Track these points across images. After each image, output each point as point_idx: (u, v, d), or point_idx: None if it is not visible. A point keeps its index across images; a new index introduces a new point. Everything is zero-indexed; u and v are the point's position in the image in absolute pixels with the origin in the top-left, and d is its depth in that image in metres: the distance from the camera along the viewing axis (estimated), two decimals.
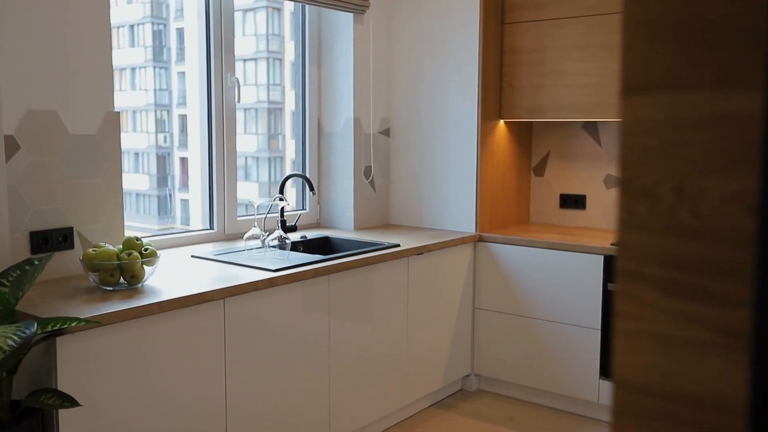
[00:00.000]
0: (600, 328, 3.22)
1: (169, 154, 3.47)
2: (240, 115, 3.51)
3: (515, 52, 3.58)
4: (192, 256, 2.83)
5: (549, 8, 3.44)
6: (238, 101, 3.25)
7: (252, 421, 2.47)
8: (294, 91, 3.74)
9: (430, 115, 3.69)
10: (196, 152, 3.34)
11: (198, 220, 3.33)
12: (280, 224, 3.04)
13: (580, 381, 3.30)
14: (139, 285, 2.30)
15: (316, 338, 2.70)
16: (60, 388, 1.91)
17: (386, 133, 3.83)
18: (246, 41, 3.53)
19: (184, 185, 3.50)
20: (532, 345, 3.43)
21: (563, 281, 3.30)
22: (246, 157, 3.72)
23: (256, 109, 3.68)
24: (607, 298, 3.19)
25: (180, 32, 3.38)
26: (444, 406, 3.48)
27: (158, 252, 2.35)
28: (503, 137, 3.73)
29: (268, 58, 3.75)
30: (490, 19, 3.53)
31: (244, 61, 3.62)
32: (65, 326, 1.80)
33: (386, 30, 3.76)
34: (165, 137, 3.46)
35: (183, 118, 3.42)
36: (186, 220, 3.48)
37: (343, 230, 3.63)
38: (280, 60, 3.80)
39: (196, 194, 3.37)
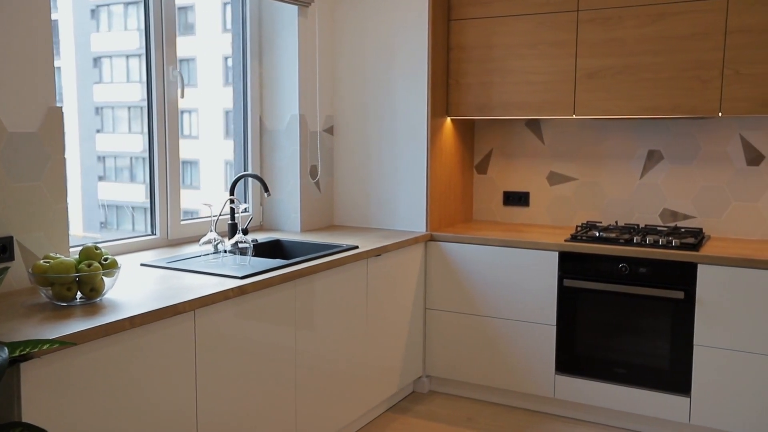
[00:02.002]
0: (555, 323, 3.25)
1: None
2: (124, 114, 3.29)
3: (462, 49, 3.55)
4: (142, 265, 2.60)
5: (496, 5, 3.43)
6: (182, 97, 3.03)
7: None
8: (233, 87, 3.54)
9: (376, 112, 3.60)
10: (74, 153, 3.10)
11: (78, 226, 3.09)
12: (238, 228, 2.85)
13: (536, 377, 3.31)
14: (98, 299, 2.07)
15: (282, 346, 2.55)
16: (24, 419, 1.68)
17: (330, 131, 3.71)
18: (131, 36, 3.30)
19: None
20: (486, 343, 3.41)
21: (517, 278, 3.30)
22: (131, 158, 3.50)
23: (142, 108, 3.47)
24: (563, 293, 3.22)
25: (53, 24, 3.11)
26: (399, 410, 3.40)
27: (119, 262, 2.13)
28: (450, 135, 3.70)
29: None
30: (438, 15, 3.48)
31: (127, 57, 3.41)
32: (35, 350, 1.58)
33: (330, 24, 3.64)
34: None
35: None
36: None
37: (290, 232, 3.48)
38: None
39: (75, 198, 3.13)
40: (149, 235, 3.03)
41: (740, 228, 3.37)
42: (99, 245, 2.12)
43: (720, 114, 3.03)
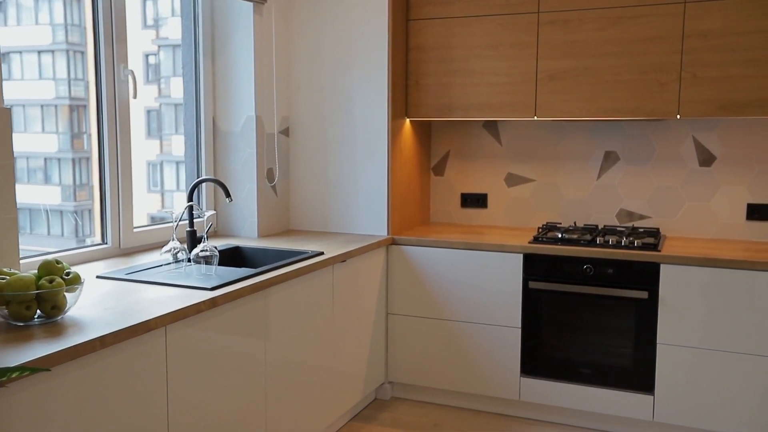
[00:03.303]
0: (520, 326, 3.24)
1: None
2: (37, 113, 3.11)
3: (421, 50, 3.50)
4: (98, 277, 2.43)
5: (456, 5, 3.40)
6: (134, 97, 2.86)
7: None
8: (183, 86, 3.37)
9: (335, 113, 3.50)
10: None
11: None
12: (202, 236, 2.70)
13: (501, 380, 3.29)
14: (60, 317, 1.91)
15: (253, 358, 2.43)
16: None
17: (285, 132, 3.59)
18: (41, 31, 3.11)
19: None
20: (450, 347, 3.37)
21: (481, 281, 3.27)
22: (45, 159, 3.31)
23: (56, 106, 3.28)
24: (528, 295, 3.21)
25: None
26: (364, 419, 3.32)
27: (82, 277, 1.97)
28: (409, 136, 3.65)
29: (67, 51, 3.36)
30: (397, 14, 3.42)
31: (39, 52, 3.20)
32: (4, 378, 1.42)
33: (287, 22, 3.52)
34: None
35: None
36: None
37: (247, 238, 3.34)
38: (83, 53, 3.40)
39: None
40: (100, 244, 2.84)
41: (694, 227, 3.45)
42: (33, 257, 1.95)
43: (678, 116, 3.09)
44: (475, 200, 3.86)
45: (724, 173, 3.38)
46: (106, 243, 2.85)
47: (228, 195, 2.80)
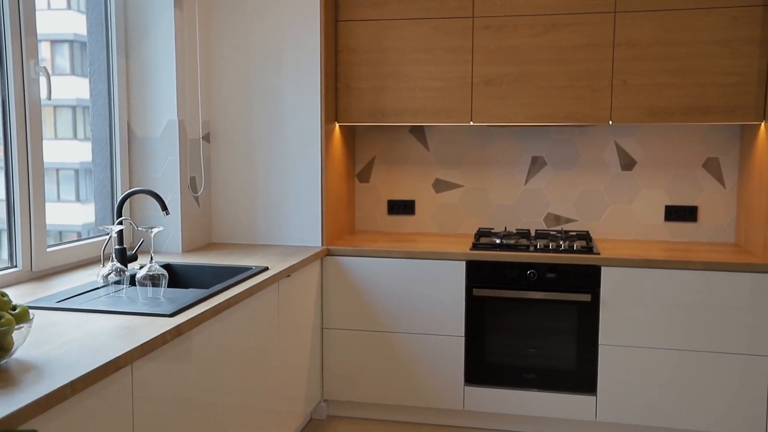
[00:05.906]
0: (464, 334, 3.18)
1: None
2: None
3: (352, 52, 3.36)
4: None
5: (389, 8, 3.30)
6: (48, 98, 2.50)
7: None
8: (90, 86, 3.01)
9: (262, 118, 3.28)
10: None
11: None
12: (149, 255, 2.40)
13: (445, 391, 3.22)
14: (5, 361, 1.59)
15: (210, 389, 2.19)
16: None
17: (206, 138, 3.31)
18: None
19: None
20: (390, 361, 3.26)
21: (423, 291, 3.19)
22: None
23: None
24: (472, 303, 3.16)
25: None
26: None
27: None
28: (338, 142, 3.49)
29: None
30: (328, 14, 3.26)
31: None
32: None
33: (207, 18, 3.25)
34: None
35: None
36: None
37: (170, 254, 3.04)
38: None
39: None
40: (9, 267, 2.45)
41: (617, 229, 3.57)
42: None
43: (611, 122, 3.17)
44: (402, 207, 3.77)
45: (644, 177, 3.52)
46: (16, 266, 2.47)
47: (164, 208, 2.52)
